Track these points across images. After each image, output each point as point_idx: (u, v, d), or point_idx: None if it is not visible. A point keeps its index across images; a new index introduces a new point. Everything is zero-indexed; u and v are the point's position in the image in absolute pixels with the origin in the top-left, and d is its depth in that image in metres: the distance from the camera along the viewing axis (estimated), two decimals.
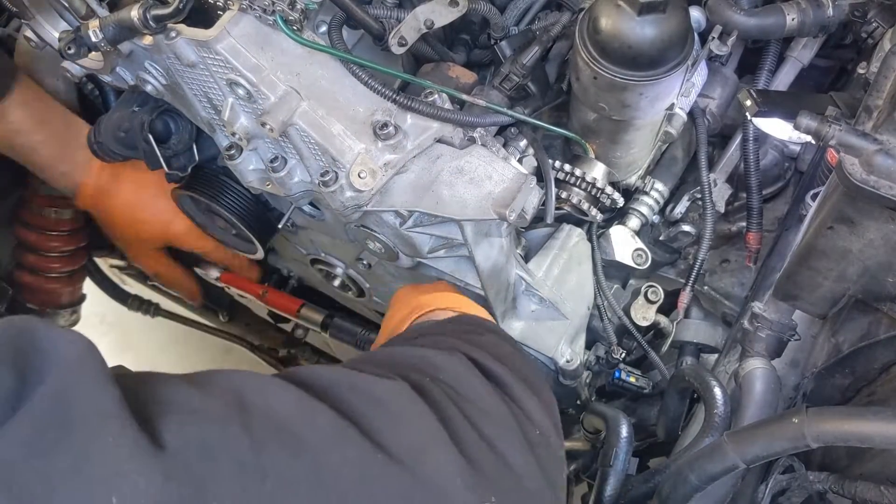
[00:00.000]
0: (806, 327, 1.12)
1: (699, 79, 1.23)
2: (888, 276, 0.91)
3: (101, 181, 1.35)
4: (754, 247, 1.29)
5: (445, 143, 1.08)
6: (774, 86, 1.29)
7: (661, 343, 1.31)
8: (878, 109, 0.81)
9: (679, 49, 1.00)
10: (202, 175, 1.34)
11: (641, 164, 1.26)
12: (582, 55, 1.01)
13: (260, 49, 1.03)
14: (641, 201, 1.28)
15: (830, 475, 0.97)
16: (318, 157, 1.07)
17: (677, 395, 1.21)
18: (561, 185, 1.16)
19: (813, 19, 1.18)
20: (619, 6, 0.95)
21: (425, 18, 1.06)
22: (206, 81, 1.06)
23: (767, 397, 1.04)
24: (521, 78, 1.13)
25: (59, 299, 1.53)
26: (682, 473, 0.97)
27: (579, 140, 1.16)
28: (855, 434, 0.82)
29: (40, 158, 1.30)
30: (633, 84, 1.00)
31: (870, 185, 0.79)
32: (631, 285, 1.34)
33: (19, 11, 1.12)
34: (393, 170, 1.05)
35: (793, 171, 1.39)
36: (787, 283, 1.02)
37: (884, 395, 0.98)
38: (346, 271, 1.42)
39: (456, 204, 1.03)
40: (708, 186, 1.25)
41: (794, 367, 1.15)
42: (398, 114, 1.06)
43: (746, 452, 0.91)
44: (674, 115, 1.19)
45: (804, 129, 0.81)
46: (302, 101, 1.04)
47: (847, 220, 0.87)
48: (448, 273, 1.21)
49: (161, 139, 1.25)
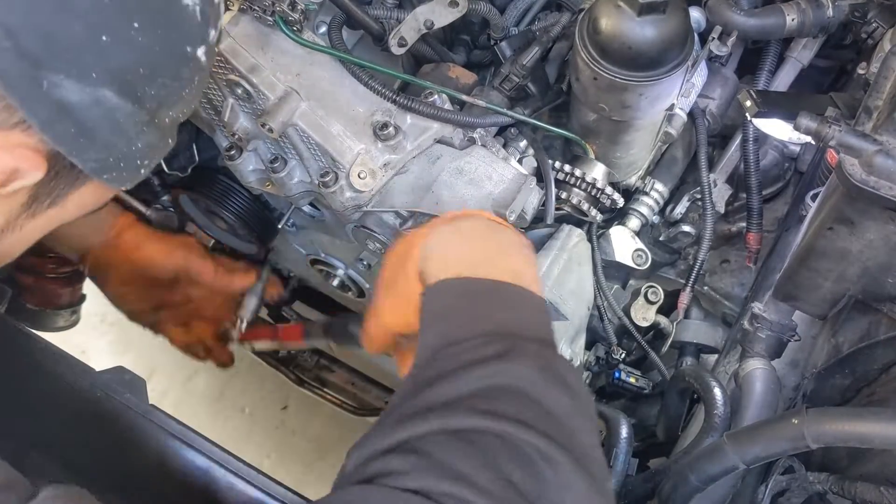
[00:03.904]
0: (806, 328, 1.12)
1: (699, 79, 1.23)
2: (888, 277, 0.91)
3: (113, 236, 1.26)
4: (754, 247, 1.29)
5: (445, 143, 1.08)
6: (774, 86, 1.29)
7: (661, 343, 1.31)
8: (877, 110, 0.81)
9: (679, 49, 1.00)
10: (201, 175, 1.34)
11: (641, 164, 1.26)
12: (582, 56, 1.01)
13: (259, 49, 1.03)
14: (641, 202, 1.28)
15: (830, 476, 0.97)
16: (317, 158, 1.07)
17: (677, 395, 1.21)
18: (561, 185, 1.16)
19: (813, 20, 1.18)
20: (619, 7, 0.95)
21: (425, 19, 1.06)
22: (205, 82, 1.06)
23: (767, 398, 1.04)
24: (520, 78, 1.13)
25: (58, 300, 1.52)
26: (682, 474, 0.97)
27: (579, 141, 1.16)
28: (855, 435, 0.82)
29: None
30: (632, 84, 1.00)
31: (870, 186, 0.79)
32: (631, 286, 1.34)
33: None
34: (393, 170, 1.05)
35: (793, 172, 1.39)
36: (786, 284, 1.02)
37: (884, 395, 0.98)
38: (345, 271, 1.42)
39: (456, 204, 1.03)
40: (708, 187, 1.25)
41: (793, 368, 1.15)
42: (398, 114, 1.06)
43: (746, 453, 0.91)
44: (674, 115, 1.19)
45: (804, 130, 0.81)
46: (302, 101, 1.04)
47: (847, 220, 0.87)
48: None
49: None
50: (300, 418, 2.40)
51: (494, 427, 0.63)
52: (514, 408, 0.65)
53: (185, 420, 1.10)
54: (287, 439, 2.38)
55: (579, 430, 0.67)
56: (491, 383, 0.67)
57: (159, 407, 1.09)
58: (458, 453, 0.62)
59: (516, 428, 0.63)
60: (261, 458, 2.32)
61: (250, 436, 2.38)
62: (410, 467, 0.61)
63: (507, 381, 0.67)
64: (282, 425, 2.41)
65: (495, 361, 0.69)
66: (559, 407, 0.67)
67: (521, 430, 0.63)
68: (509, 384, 0.67)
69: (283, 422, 2.41)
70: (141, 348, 2.45)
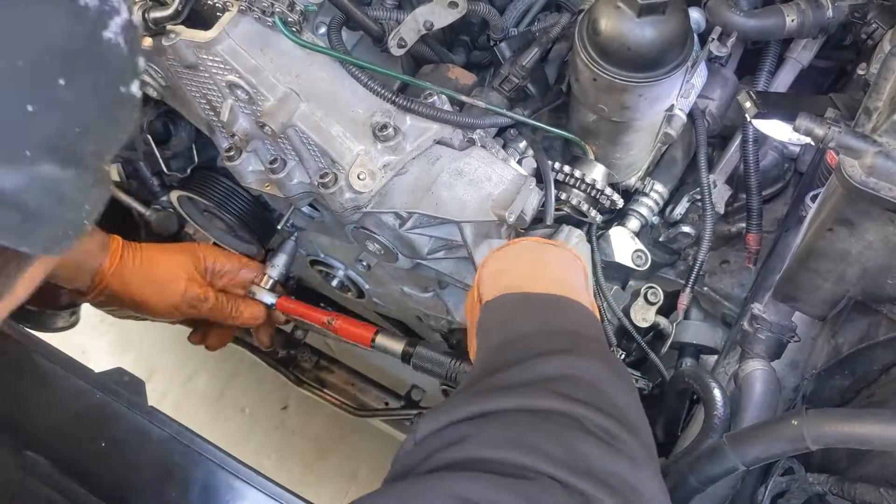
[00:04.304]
0: (805, 329, 1.12)
1: (699, 80, 1.22)
2: (888, 278, 0.91)
3: (116, 260, 1.23)
4: (754, 248, 1.29)
5: (445, 144, 1.08)
6: (774, 87, 1.28)
7: (661, 344, 1.31)
8: (877, 111, 0.80)
9: (678, 50, 1.00)
10: (201, 176, 1.34)
11: (641, 165, 1.26)
12: (581, 56, 1.01)
13: (259, 50, 1.03)
14: (641, 202, 1.28)
15: (830, 477, 0.97)
16: (317, 159, 1.07)
17: (677, 396, 1.21)
18: (560, 186, 1.16)
19: (812, 20, 1.18)
20: (619, 7, 0.95)
21: (424, 20, 1.06)
22: (205, 83, 1.06)
23: (767, 399, 1.04)
24: (520, 79, 1.13)
25: (58, 300, 1.52)
26: (682, 475, 0.97)
27: (579, 141, 1.16)
28: (854, 436, 0.82)
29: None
30: (632, 85, 1.00)
31: (869, 188, 0.79)
32: (630, 286, 1.33)
33: None
34: (392, 171, 1.05)
35: (792, 172, 1.39)
36: (786, 285, 1.02)
37: (883, 396, 0.98)
38: (345, 272, 1.41)
39: (455, 205, 1.03)
40: (707, 187, 1.25)
41: (793, 369, 1.14)
42: (397, 115, 1.06)
43: (746, 454, 0.91)
44: (673, 116, 1.19)
45: (804, 131, 0.80)
46: (301, 102, 1.04)
47: (847, 221, 0.86)
48: (448, 274, 1.21)
49: (160, 140, 1.26)
50: (300, 418, 2.40)
51: (571, 409, 0.67)
52: (588, 395, 0.70)
53: (185, 420, 1.10)
54: (287, 439, 2.38)
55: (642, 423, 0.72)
56: (564, 372, 0.72)
57: (159, 408, 1.09)
58: (536, 429, 0.66)
59: (591, 412, 0.67)
60: (261, 459, 2.32)
61: (250, 436, 2.38)
62: (487, 437, 0.65)
63: (578, 372, 0.72)
64: (282, 425, 2.41)
65: (565, 354, 0.75)
66: (624, 400, 0.72)
67: (596, 415, 0.67)
68: (580, 375, 0.72)
69: (283, 422, 2.41)
70: (141, 348, 2.45)
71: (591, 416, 0.67)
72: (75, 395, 1.08)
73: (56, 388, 1.09)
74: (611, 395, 0.71)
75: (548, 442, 0.64)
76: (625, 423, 0.68)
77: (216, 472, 1.04)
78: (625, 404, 0.71)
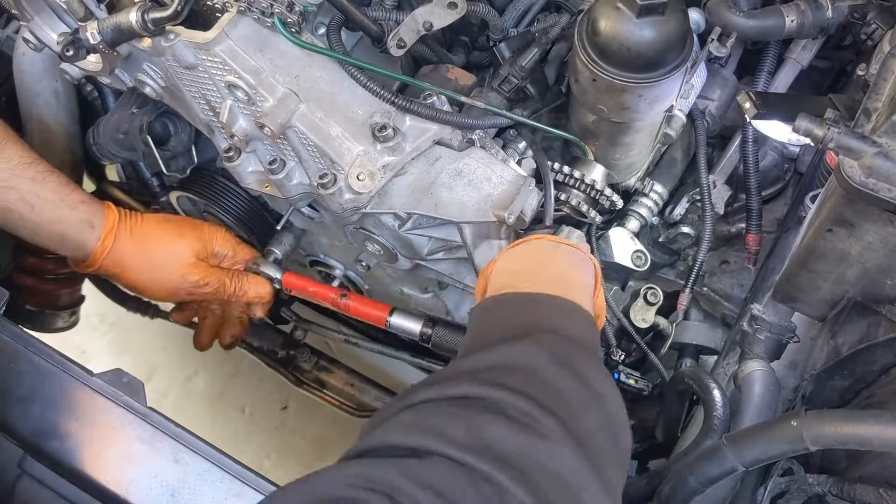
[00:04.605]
0: (805, 329, 1.12)
1: (698, 80, 1.22)
2: (887, 279, 0.91)
3: (112, 234, 1.18)
4: (754, 248, 1.29)
5: (444, 145, 1.08)
6: (774, 87, 1.29)
7: (661, 345, 1.31)
8: (877, 112, 0.80)
9: (678, 51, 1.00)
10: (200, 176, 1.34)
11: (640, 165, 1.26)
12: (581, 57, 1.01)
13: (258, 51, 1.03)
14: (640, 203, 1.28)
15: (829, 478, 0.97)
16: (316, 160, 1.07)
17: (676, 397, 1.21)
18: (560, 187, 1.16)
19: (812, 21, 1.18)
20: (618, 8, 0.95)
21: (424, 20, 1.06)
22: (204, 83, 1.06)
23: (766, 399, 1.04)
24: (520, 80, 1.13)
25: (57, 301, 1.52)
26: (681, 476, 0.97)
27: (578, 142, 1.16)
28: (854, 437, 0.82)
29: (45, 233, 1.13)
30: (632, 86, 1.00)
31: (869, 188, 0.79)
32: (630, 287, 1.33)
33: (18, 13, 1.12)
34: (391, 172, 1.05)
35: (792, 173, 1.39)
36: (786, 285, 1.02)
37: (883, 397, 0.98)
38: (344, 272, 1.41)
39: (455, 206, 1.03)
40: (707, 188, 1.25)
41: (793, 369, 1.14)
42: (397, 116, 1.06)
43: (745, 455, 0.91)
44: (673, 116, 1.19)
45: (803, 132, 0.81)
46: (300, 103, 1.04)
47: (846, 222, 0.87)
48: (447, 275, 1.21)
49: (160, 141, 1.25)
50: (300, 419, 2.40)
51: (488, 394, 0.69)
52: (519, 381, 0.71)
53: (184, 420, 1.10)
54: (287, 439, 2.38)
55: (583, 415, 0.72)
56: (502, 361, 0.75)
57: (158, 409, 1.09)
58: (444, 414, 0.68)
59: (512, 396, 0.68)
60: (260, 459, 2.32)
61: (250, 436, 2.38)
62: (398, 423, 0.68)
63: (515, 360, 0.74)
64: (282, 425, 2.41)
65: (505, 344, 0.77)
66: (566, 389, 0.73)
67: (517, 398, 0.68)
68: (515, 362, 0.74)
69: (283, 422, 2.41)
70: (141, 348, 2.45)
71: (510, 399, 0.68)
72: (74, 396, 1.08)
73: (56, 389, 1.09)
74: (550, 381, 0.72)
75: (450, 424, 0.66)
76: (554, 410, 0.68)
77: (216, 473, 1.04)
78: (565, 391, 0.72)
